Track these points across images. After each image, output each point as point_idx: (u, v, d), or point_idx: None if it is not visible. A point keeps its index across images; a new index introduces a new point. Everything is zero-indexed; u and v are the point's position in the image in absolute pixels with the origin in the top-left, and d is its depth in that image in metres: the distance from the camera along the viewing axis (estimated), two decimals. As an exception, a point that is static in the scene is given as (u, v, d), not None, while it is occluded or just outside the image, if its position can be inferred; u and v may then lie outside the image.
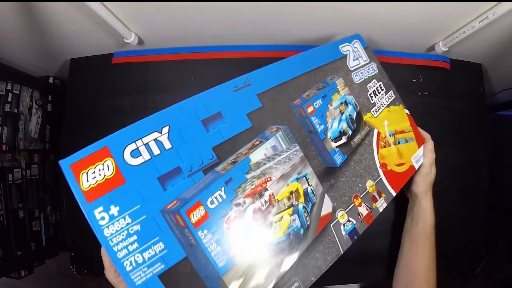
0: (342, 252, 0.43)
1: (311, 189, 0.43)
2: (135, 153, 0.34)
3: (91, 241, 0.32)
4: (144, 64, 0.78)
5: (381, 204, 0.50)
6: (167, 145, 0.36)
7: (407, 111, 0.59)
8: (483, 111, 0.78)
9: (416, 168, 0.56)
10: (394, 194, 0.52)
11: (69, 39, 0.76)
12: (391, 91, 0.58)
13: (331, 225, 0.43)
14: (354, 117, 0.51)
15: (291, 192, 0.41)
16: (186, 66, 0.77)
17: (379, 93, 0.56)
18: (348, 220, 0.45)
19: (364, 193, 0.48)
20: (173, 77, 0.77)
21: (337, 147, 0.47)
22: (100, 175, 0.32)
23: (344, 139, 0.48)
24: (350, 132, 0.50)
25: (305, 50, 0.79)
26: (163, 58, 0.78)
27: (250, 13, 0.65)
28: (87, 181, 0.32)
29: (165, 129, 0.36)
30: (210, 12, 0.65)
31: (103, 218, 0.32)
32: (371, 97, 0.55)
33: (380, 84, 0.57)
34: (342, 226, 0.44)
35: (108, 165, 0.33)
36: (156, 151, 0.35)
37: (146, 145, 0.35)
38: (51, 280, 1.22)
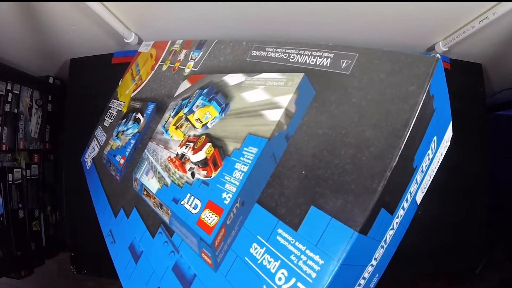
0: None
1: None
2: None
3: (91, 241, 0.32)
4: (144, 64, 0.78)
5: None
6: None
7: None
8: (483, 111, 0.78)
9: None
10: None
11: (69, 39, 0.76)
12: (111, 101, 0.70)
13: None
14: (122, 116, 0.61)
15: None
16: (186, 66, 0.77)
17: (110, 115, 0.66)
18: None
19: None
20: (173, 77, 0.77)
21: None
22: None
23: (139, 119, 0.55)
24: (138, 115, 0.56)
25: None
26: (163, 58, 0.77)
27: (250, 14, 0.65)
28: None
29: None
30: (210, 13, 0.65)
31: None
32: (111, 116, 0.65)
33: (108, 115, 0.68)
34: None
35: None
36: None
37: None
38: (51, 280, 1.22)
